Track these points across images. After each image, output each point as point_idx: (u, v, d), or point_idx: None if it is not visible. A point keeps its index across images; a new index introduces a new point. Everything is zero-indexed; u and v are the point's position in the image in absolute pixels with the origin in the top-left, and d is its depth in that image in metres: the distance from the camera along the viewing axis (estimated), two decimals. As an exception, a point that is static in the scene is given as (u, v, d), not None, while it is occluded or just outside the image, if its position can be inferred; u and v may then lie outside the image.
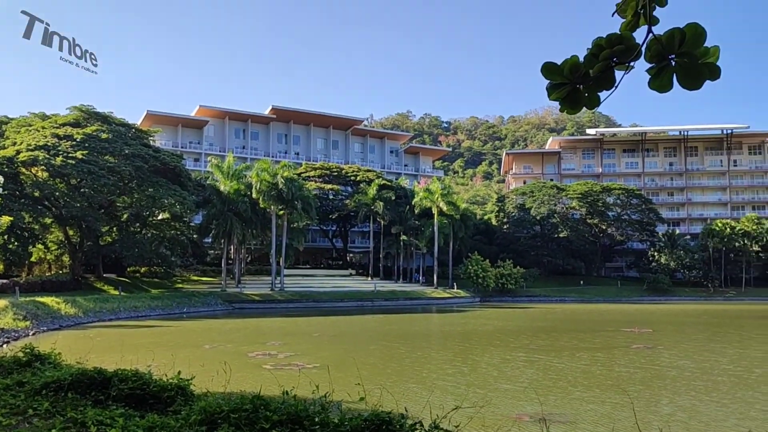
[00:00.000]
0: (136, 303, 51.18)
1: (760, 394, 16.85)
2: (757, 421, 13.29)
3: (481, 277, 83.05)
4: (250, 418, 6.28)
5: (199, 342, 30.54)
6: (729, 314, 58.07)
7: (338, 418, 6.02)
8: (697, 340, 33.52)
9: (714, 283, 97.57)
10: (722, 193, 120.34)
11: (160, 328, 38.59)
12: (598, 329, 40.68)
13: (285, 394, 6.57)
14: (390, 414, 5.82)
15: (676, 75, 2.73)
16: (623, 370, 21.66)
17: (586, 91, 3.09)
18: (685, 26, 2.63)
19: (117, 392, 7.93)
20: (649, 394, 16.78)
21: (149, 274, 70.75)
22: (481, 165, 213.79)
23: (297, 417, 6.11)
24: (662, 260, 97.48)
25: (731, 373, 20.61)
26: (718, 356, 25.43)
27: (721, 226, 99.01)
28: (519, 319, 50.15)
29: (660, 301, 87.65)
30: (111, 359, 15.09)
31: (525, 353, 26.93)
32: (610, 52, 2.87)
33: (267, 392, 7.55)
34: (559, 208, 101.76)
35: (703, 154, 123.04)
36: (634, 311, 62.25)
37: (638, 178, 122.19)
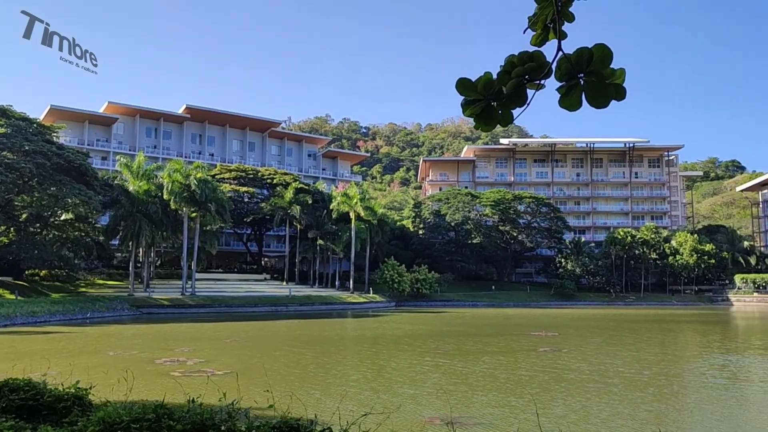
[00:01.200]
0: (34, 308, 48.08)
1: (648, 395, 17.74)
2: (642, 421, 13.97)
3: (397, 281, 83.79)
4: (152, 428, 5.97)
5: (102, 348, 29.08)
6: (628, 318, 61.24)
7: (246, 425, 5.84)
8: (596, 344, 34.99)
9: (615, 289, 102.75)
10: (624, 203, 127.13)
11: (60, 334, 36.51)
12: (507, 333, 41.87)
13: (191, 402, 6.31)
14: (299, 421, 5.71)
15: (584, 94, 2.79)
16: (525, 373, 22.22)
17: (500, 108, 3.10)
18: (593, 47, 2.69)
19: (7, 403, 7.36)
20: (547, 396, 17.33)
21: (50, 277, 66.83)
22: (399, 171, 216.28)
23: (202, 426, 5.88)
24: (569, 266, 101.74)
25: (624, 375, 21.62)
26: (613, 359, 26.59)
27: (623, 234, 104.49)
28: (430, 324, 50.85)
29: (566, 305, 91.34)
30: (1, 368, 14.09)
31: (431, 357, 27.19)
32: (522, 70, 2.90)
33: (173, 400, 7.24)
34: (473, 214, 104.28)
35: (608, 166, 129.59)
36: (542, 315, 64.52)
37: (548, 187, 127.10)
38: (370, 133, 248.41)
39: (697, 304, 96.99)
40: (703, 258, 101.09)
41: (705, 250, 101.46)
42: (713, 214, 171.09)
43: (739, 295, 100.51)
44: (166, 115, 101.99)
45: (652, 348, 32.66)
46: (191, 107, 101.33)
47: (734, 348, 33.27)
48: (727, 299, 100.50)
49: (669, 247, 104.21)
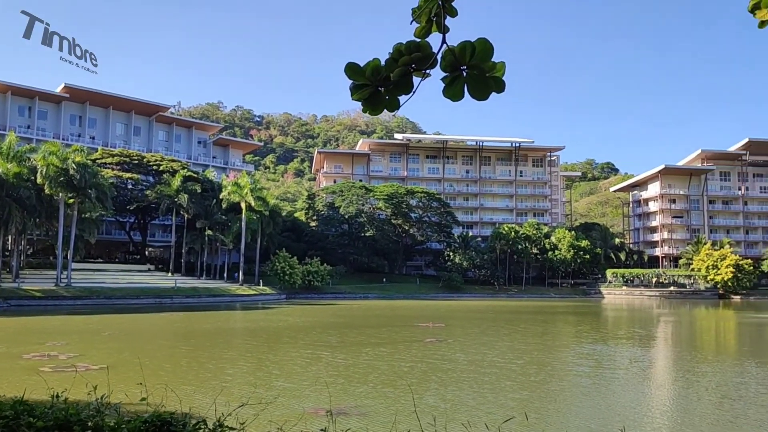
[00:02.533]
0: None
1: (516, 383, 18.70)
2: (507, 408, 14.62)
3: (288, 274, 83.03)
4: (9, 426, 5.52)
5: (-39, 344, 26.72)
6: (509, 310, 64.28)
7: (115, 420, 5.53)
8: (476, 334, 36.33)
9: (499, 282, 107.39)
10: (509, 200, 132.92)
11: None
12: (394, 324, 42.65)
13: (55, 397, 5.90)
14: (173, 414, 5.49)
15: (467, 85, 2.87)
16: (406, 364, 22.66)
17: (387, 94, 3.13)
18: (476, 40, 2.77)
19: None
20: (423, 387, 17.78)
21: None
22: (293, 162, 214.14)
23: (66, 422, 5.49)
24: (457, 260, 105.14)
25: (498, 364, 22.62)
26: (490, 349, 27.76)
27: (507, 230, 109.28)
28: (318, 316, 50.86)
29: (454, 297, 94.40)
30: None
31: (313, 350, 27.10)
32: (408, 59, 2.93)
33: (37, 396, 6.76)
34: (366, 208, 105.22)
35: (495, 164, 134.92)
36: (430, 307, 66.29)
37: (439, 183, 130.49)
38: (264, 122, 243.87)
39: (572, 296, 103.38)
40: (579, 253, 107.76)
41: (581, 246, 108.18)
42: (589, 213, 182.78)
43: (609, 288, 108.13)
44: (42, 93, 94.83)
45: (528, 338, 34.33)
46: (70, 86, 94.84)
47: (601, 338, 35.73)
48: (599, 292, 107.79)
49: (549, 242, 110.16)
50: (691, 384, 19.41)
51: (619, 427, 11.95)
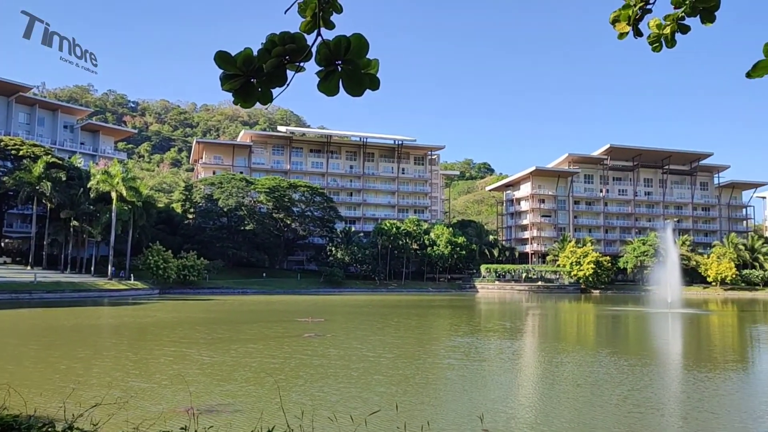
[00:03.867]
0: None
1: (383, 376, 18.95)
2: (371, 403, 14.68)
3: (162, 268, 79.59)
4: None
5: None
6: (387, 304, 65.47)
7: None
8: (352, 329, 36.57)
9: (380, 277, 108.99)
10: (392, 197, 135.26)
11: None
12: (273, 320, 42.07)
13: None
14: (16, 418, 5.03)
15: (342, 80, 2.83)
16: (275, 360, 22.25)
17: (260, 86, 3.03)
18: (351, 36, 2.72)
19: None
20: (291, 383, 17.53)
21: None
22: (170, 151, 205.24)
23: None
24: (338, 255, 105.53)
25: (369, 359, 22.79)
26: (363, 343, 28.00)
27: (389, 226, 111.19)
28: (190, 311, 49.16)
29: (335, 292, 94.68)
30: None
31: (177, 347, 26.01)
32: (282, 50, 2.84)
33: None
34: (247, 201, 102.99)
35: (379, 161, 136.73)
36: (311, 302, 66.05)
37: (322, 177, 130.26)
38: (139, 109, 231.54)
39: (449, 291, 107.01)
40: (456, 249, 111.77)
41: (458, 243, 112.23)
42: (466, 210, 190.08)
43: (483, 283, 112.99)
44: None
45: (401, 332, 35.01)
46: None
47: (471, 330, 37.20)
48: (474, 286, 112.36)
49: (428, 238, 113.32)
50: (550, 373, 20.63)
51: (479, 415, 12.47)
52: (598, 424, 13.35)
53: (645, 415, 14.16)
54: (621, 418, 13.91)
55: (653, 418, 13.90)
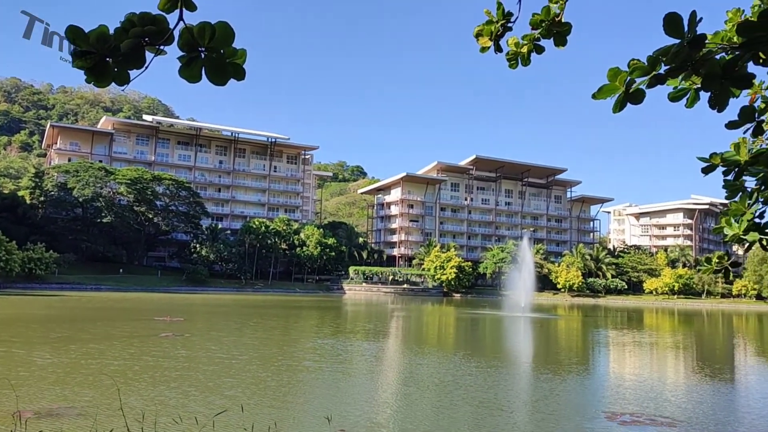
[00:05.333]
0: None
1: (234, 379, 18.18)
2: (216, 406, 13.99)
3: (4, 260, 72.89)
4: None
5: None
6: (252, 304, 64.20)
7: None
8: (213, 329, 35.08)
9: (246, 276, 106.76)
10: (262, 195, 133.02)
11: None
12: (126, 318, 39.74)
13: None
14: None
15: (205, 68, 2.73)
16: (119, 362, 20.70)
17: (116, 66, 2.84)
18: (216, 23, 2.63)
19: None
20: (132, 386, 16.37)
21: None
22: (20, 134, 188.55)
23: None
24: (203, 252, 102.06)
25: (221, 360, 21.78)
26: (219, 344, 26.84)
27: (258, 224, 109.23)
28: (29, 308, 45.25)
29: (198, 291, 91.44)
30: None
31: (6, 347, 23.47)
32: (140, 31, 2.69)
33: None
34: (105, 192, 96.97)
35: (250, 157, 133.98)
36: (171, 301, 63.31)
37: (190, 171, 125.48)
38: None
39: (316, 292, 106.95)
40: (326, 250, 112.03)
41: (328, 244, 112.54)
42: (338, 212, 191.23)
43: (351, 285, 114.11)
44: None
45: (262, 333, 34.15)
46: None
47: (334, 332, 37.13)
48: (342, 288, 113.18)
49: (298, 239, 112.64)
50: (408, 374, 21.02)
51: (326, 416, 12.54)
52: (444, 423, 13.82)
53: (489, 414, 14.87)
54: (467, 417, 14.48)
55: (495, 417, 14.63)
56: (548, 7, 3.76)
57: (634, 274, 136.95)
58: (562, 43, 3.79)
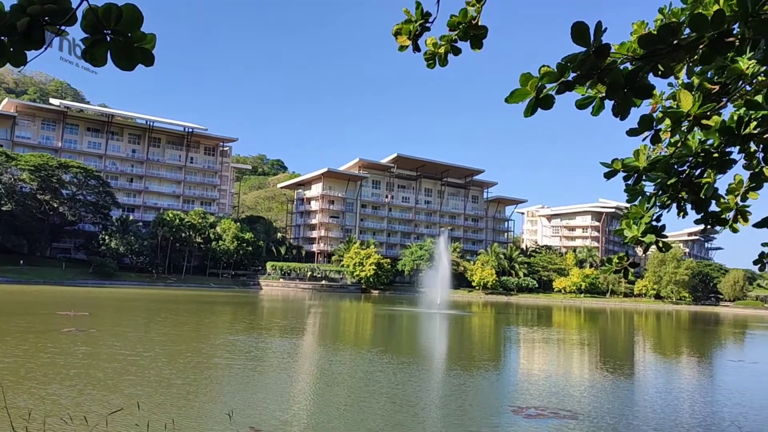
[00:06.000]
0: None
1: (135, 377, 17.48)
2: (113, 405, 13.37)
3: None
4: None
5: None
6: (164, 299, 62.20)
7: None
8: (120, 325, 33.75)
9: (158, 270, 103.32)
10: (177, 186, 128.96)
11: None
12: (26, 312, 37.52)
13: None
14: None
15: (110, 52, 2.61)
16: (8, 359, 19.45)
17: (11, 45, 2.67)
18: (123, 6, 2.53)
19: None
20: (22, 386, 15.41)
21: None
22: None
23: None
24: (113, 244, 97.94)
25: (124, 357, 20.88)
26: (121, 340, 25.83)
27: (172, 216, 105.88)
28: None
29: (106, 284, 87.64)
30: None
31: None
32: (39, 9, 2.54)
33: None
34: (6, 178, 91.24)
35: (165, 147, 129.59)
36: (75, 294, 60.35)
37: (100, 159, 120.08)
38: None
39: (232, 287, 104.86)
40: (243, 245, 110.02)
41: (245, 238, 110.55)
42: (256, 206, 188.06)
43: (268, 281, 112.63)
44: None
45: (170, 329, 32.84)
46: None
47: (247, 328, 36.39)
48: (258, 284, 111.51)
49: (214, 232, 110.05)
50: (321, 371, 20.86)
51: (227, 412, 12.35)
52: (353, 419, 13.83)
53: (399, 410, 15.02)
54: (377, 413, 14.55)
55: (404, 413, 14.78)
56: (465, 10, 3.83)
57: (545, 273, 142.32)
58: (478, 46, 3.87)
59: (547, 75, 3.19)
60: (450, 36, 3.88)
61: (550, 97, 3.24)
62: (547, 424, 14.26)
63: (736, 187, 4.43)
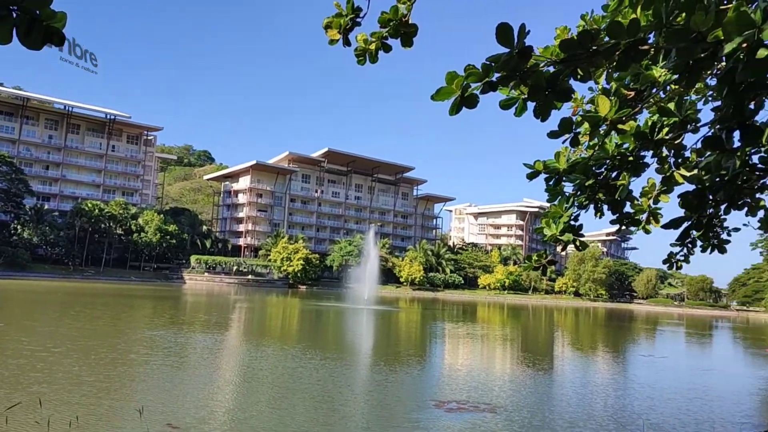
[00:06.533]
0: None
1: (41, 374, 16.67)
2: (10, 403, 12.81)
3: None
4: None
5: None
6: (80, 292, 59.63)
7: None
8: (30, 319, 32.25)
9: (75, 262, 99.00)
10: (97, 175, 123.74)
11: None
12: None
13: None
14: None
15: (16, 29, 2.46)
16: None
17: None
18: (32, -20, 2.39)
19: None
20: None
21: None
22: None
23: None
24: (25, 234, 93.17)
25: (32, 353, 19.78)
26: (30, 335, 24.48)
27: (91, 206, 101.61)
28: None
29: (17, 276, 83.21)
30: None
31: None
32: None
33: None
34: None
35: (85, 134, 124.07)
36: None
37: (13, 145, 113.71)
38: None
39: (154, 281, 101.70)
40: (167, 238, 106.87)
41: (169, 230, 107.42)
42: (182, 198, 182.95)
43: (192, 274, 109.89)
44: None
45: (84, 323, 31.31)
46: None
47: (168, 323, 35.00)
48: (182, 277, 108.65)
49: (136, 224, 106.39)
50: (243, 367, 20.43)
51: (138, 409, 12.01)
52: (274, 416, 13.62)
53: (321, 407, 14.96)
54: (299, 409, 14.41)
55: (327, 410, 14.76)
56: (396, 7, 3.83)
57: (471, 270, 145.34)
58: (408, 44, 3.87)
59: (472, 74, 3.22)
60: (381, 33, 3.87)
61: (474, 97, 3.28)
62: (466, 417, 14.56)
63: (649, 190, 4.64)
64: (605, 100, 3.78)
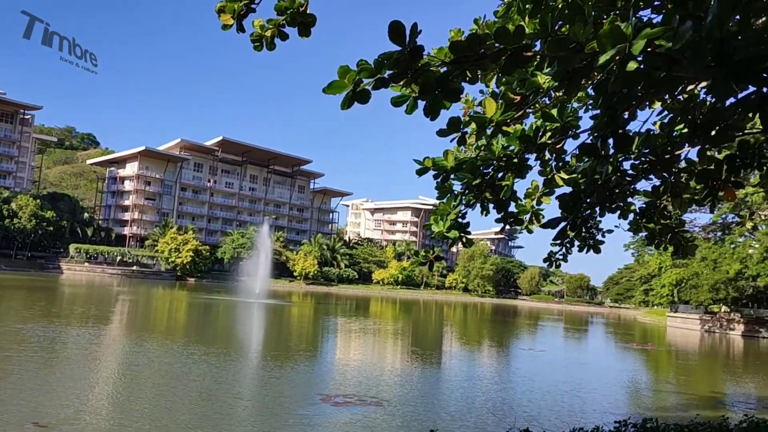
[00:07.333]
0: None
1: None
2: None
3: None
4: None
5: None
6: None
7: None
8: None
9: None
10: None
11: None
12: None
13: None
14: None
15: None
16: None
17: None
18: None
19: None
20: None
21: None
22: None
23: None
24: None
25: None
26: None
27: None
28: None
29: None
30: None
31: None
32: None
33: None
34: None
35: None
36: None
37: None
38: None
39: (27, 270, 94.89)
40: (43, 224, 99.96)
41: (45, 217, 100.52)
42: (61, 183, 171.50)
43: (71, 264, 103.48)
44: None
45: None
46: None
47: (40, 316, 32.41)
48: (59, 267, 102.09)
49: (8, 209, 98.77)
50: (123, 363, 19.57)
51: None
52: (155, 415, 13.10)
53: (205, 404, 14.56)
54: (181, 407, 13.98)
55: (211, 407, 14.37)
56: (294, -5, 3.75)
57: (366, 265, 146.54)
58: (305, 34, 3.79)
59: (364, 70, 3.21)
60: (277, 20, 3.78)
61: (366, 92, 3.26)
62: (352, 411, 14.68)
63: (533, 192, 4.83)
64: (492, 103, 3.88)
